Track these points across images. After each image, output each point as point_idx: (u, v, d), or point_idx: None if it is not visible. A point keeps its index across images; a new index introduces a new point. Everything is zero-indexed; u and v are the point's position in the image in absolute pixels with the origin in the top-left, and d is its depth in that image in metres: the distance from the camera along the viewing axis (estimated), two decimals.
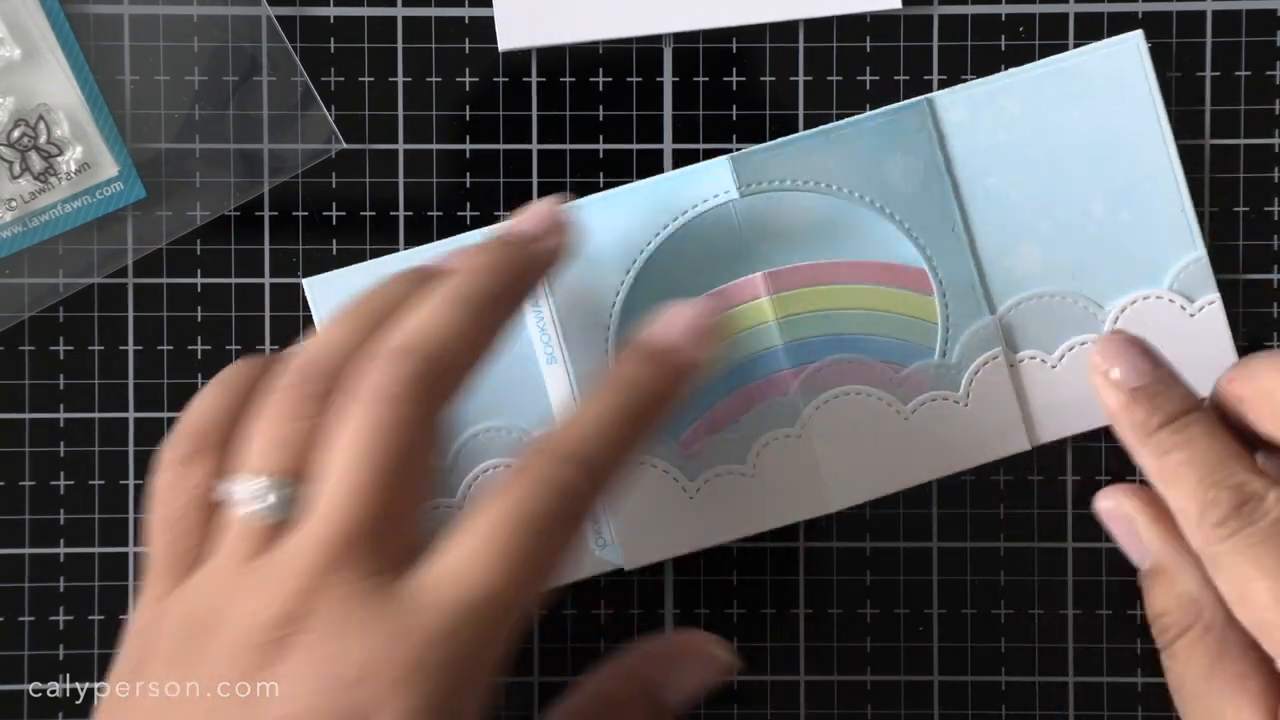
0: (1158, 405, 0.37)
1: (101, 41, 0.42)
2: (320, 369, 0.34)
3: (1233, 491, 0.35)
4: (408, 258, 0.41)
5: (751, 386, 0.39)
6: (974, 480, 0.42)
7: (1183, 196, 0.41)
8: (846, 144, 0.40)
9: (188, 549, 0.34)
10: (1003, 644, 0.43)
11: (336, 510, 0.32)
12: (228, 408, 0.35)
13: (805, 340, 0.40)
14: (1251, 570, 0.34)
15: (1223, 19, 0.42)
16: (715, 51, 0.42)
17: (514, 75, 0.42)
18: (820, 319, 0.40)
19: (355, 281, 0.41)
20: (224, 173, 0.42)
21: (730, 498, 0.40)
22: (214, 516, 0.34)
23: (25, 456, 0.43)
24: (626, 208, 0.40)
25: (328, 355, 0.34)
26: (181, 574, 0.33)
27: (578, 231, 0.38)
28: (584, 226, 0.39)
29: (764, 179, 0.40)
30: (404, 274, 0.36)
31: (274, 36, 0.42)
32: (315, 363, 0.34)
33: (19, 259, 0.42)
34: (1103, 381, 0.37)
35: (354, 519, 0.31)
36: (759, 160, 0.40)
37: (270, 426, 0.33)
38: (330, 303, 0.41)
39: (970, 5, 0.42)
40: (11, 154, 0.41)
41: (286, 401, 0.33)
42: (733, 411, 0.39)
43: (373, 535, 0.32)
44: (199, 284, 0.42)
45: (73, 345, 0.42)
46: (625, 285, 0.40)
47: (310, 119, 0.42)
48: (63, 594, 0.43)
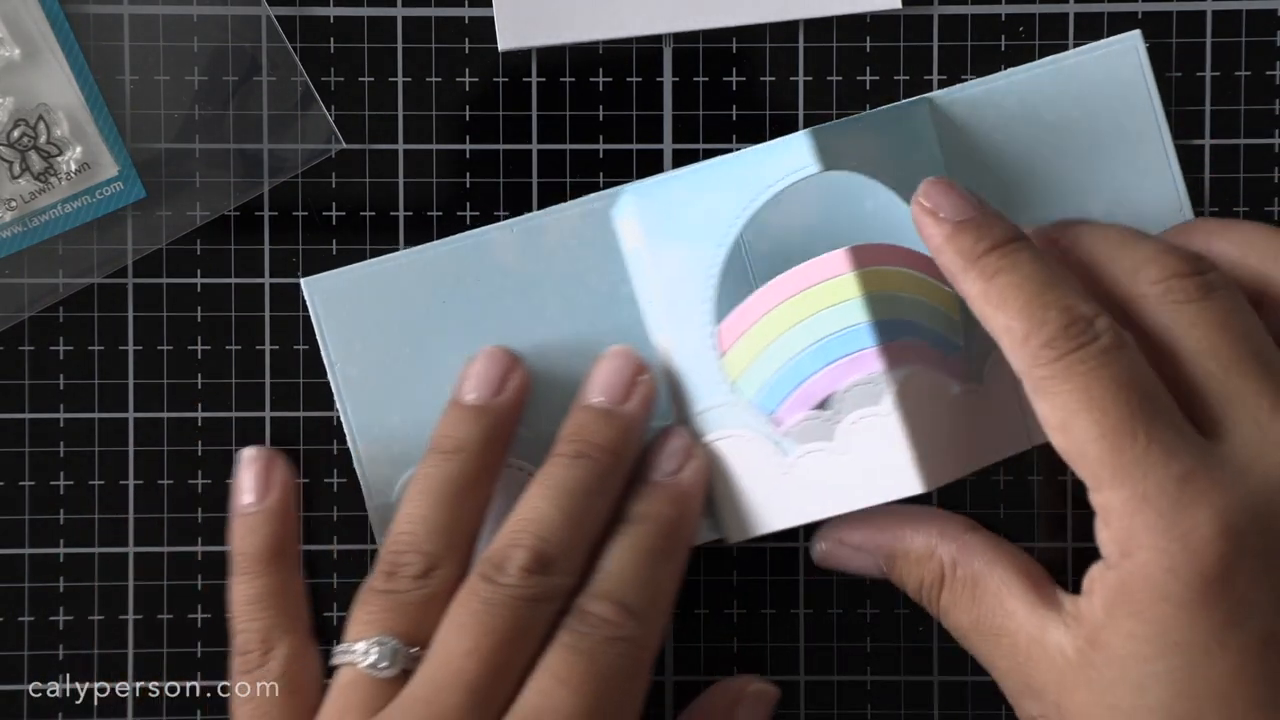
0: (984, 233, 0.36)
1: (101, 41, 0.42)
2: (419, 548, 0.38)
3: (1062, 312, 0.35)
4: (408, 257, 0.41)
5: (837, 365, 0.39)
6: (974, 480, 0.42)
7: (1181, 197, 0.41)
8: (889, 131, 0.40)
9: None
10: None
11: (443, 670, 0.36)
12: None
13: (888, 320, 0.39)
14: (1078, 400, 0.34)
15: (1223, 19, 0.42)
16: (715, 51, 0.42)
17: (514, 75, 0.42)
18: (898, 300, 0.39)
19: (354, 280, 0.41)
20: (224, 173, 0.42)
21: (823, 474, 0.39)
22: (299, 703, 0.39)
23: (25, 456, 0.43)
24: (717, 181, 0.40)
25: (424, 532, 0.38)
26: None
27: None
28: (666, 209, 0.40)
29: (844, 156, 0.39)
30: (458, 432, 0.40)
31: (274, 36, 0.42)
32: (415, 545, 0.38)
33: (19, 259, 0.42)
34: (925, 217, 0.37)
35: (460, 681, 0.35)
36: (838, 133, 0.40)
37: (378, 598, 0.38)
38: (329, 302, 0.41)
39: (970, 5, 0.42)
40: (11, 154, 0.41)
41: (396, 576, 0.38)
42: (824, 388, 0.39)
43: (475, 691, 0.35)
44: (199, 284, 0.42)
45: (73, 345, 0.42)
46: (719, 259, 0.40)
47: (310, 119, 0.42)
48: (62, 594, 0.43)
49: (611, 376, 0.40)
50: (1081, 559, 0.42)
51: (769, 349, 0.39)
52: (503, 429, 0.40)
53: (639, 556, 0.38)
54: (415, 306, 0.41)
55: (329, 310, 0.41)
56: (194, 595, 0.43)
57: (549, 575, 0.37)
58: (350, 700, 0.37)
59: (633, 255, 0.41)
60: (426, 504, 0.38)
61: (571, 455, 0.38)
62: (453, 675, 0.35)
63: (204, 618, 0.43)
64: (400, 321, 0.41)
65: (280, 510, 0.41)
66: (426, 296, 0.41)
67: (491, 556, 0.37)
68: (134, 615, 0.43)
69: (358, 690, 0.37)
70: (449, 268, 0.41)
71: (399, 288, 0.41)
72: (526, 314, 0.41)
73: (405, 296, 0.41)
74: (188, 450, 0.43)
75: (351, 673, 0.37)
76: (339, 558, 0.43)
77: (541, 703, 0.35)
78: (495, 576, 0.36)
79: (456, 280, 0.41)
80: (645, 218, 0.40)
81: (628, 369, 0.40)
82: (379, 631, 0.37)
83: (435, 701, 0.35)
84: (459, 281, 0.41)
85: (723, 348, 0.40)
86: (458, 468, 0.39)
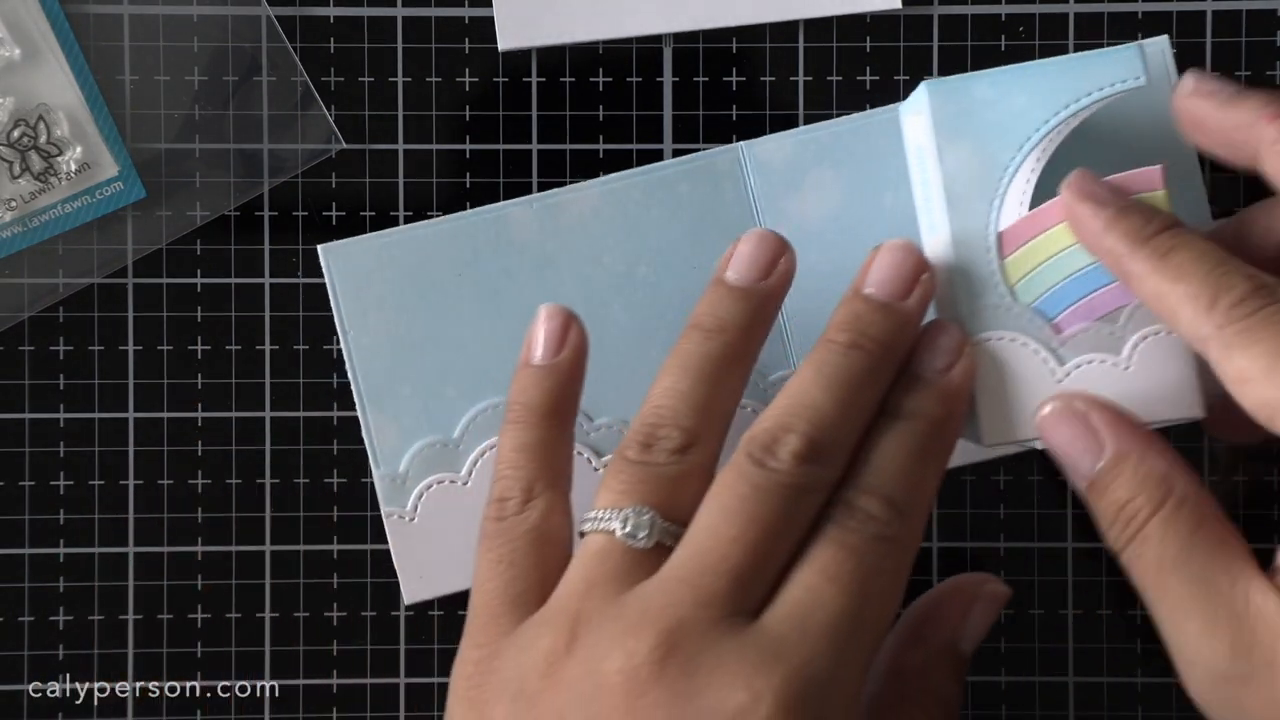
0: (1150, 216, 0.37)
1: (101, 41, 0.42)
2: (678, 422, 0.37)
3: (1247, 278, 0.35)
4: (426, 229, 0.41)
5: None
6: (974, 480, 0.42)
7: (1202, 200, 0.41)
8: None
9: (526, 589, 0.36)
10: (1002, 644, 0.43)
11: (707, 553, 0.34)
12: (550, 444, 0.38)
13: None
14: (1275, 345, 0.34)
15: (1223, 19, 0.42)
16: (715, 51, 0.42)
17: (514, 75, 0.42)
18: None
19: (371, 249, 0.41)
20: (224, 173, 0.42)
21: (1099, 388, 0.39)
22: (549, 556, 0.37)
23: (25, 456, 0.43)
24: (1030, 83, 0.40)
25: (684, 407, 0.37)
26: (520, 615, 0.35)
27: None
28: (973, 102, 0.39)
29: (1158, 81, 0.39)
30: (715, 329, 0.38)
31: (274, 36, 0.42)
32: (674, 419, 0.37)
33: (19, 259, 0.42)
34: (1083, 203, 0.37)
35: (725, 566, 0.34)
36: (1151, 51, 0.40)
37: (633, 468, 0.36)
38: (344, 269, 0.41)
39: (970, 5, 0.42)
40: (11, 154, 0.41)
41: (648, 450, 0.36)
42: (1114, 301, 0.39)
43: (739, 579, 0.34)
44: (199, 284, 0.42)
45: (73, 345, 0.42)
46: (1015, 163, 0.39)
47: (310, 119, 0.42)
48: (62, 594, 0.43)
49: (893, 270, 0.38)
50: (1082, 559, 0.42)
51: (1058, 257, 0.39)
52: (767, 314, 0.39)
53: (908, 454, 0.37)
54: (431, 278, 0.41)
55: (344, 278, 0.41)
56: (194, 595, 0.43)
57: (819, 465, 0.35)
58: (601, 569, 0.35)
59: (916, 152, 0.40)
60: (687, 379, 0.37)
61: (846, 345, 0.37)
62: (717, 560, 0.34)
63: (204, 618, 0.43)
64: (415, 292, 0.41)
65: (569, 368, 0.39)
66: (443, 269, 0.41)
67: (759, 438, 0.36)
68: (134, 615, 0.43)
69: (609, 559, 0.35)
70: (466, 241, 0.41)
71: (416, 259, 0.41)
72: (542, 290, 0.41)
73: (421, 268, 0.41)
74: (188, 450, 0.43)
75: (604, 541, 0.35)
76: (339, 557, 0.43)
77: (809, 599, 0.34)
78: (765, 460, 0.35)
79: (474, 254, 0.41)
80: (939, 113, 0.40)
81: (910, 264, 0.39)
82: (635, 501, 0.36)
83: (699, 586, 0.34)
84: (476, 255, 0.41)
85: (1005, 252, 0.40)
86: (719, 347, 0.37)
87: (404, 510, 0.41)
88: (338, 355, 0.42)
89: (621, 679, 0.33)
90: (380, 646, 0.43)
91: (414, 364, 0.41)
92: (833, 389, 0.36)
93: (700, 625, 0.34)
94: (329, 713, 0.43)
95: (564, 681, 0.34)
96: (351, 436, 0.42)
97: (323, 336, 0.42)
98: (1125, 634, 0.42)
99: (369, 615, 0.43)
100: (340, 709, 0.43)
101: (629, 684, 0.33)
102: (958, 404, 0.38)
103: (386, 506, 0.41)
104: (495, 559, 0.37)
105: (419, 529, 0.41)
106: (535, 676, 0.34)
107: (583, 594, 0.35)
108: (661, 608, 0.34)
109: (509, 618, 0.36)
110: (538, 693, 0.34)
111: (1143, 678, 0.42)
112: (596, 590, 0.35)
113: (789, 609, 0.34)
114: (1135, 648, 0.42)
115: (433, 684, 0.43)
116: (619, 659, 0.33)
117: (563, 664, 0.34)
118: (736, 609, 0.34)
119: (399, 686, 0.43)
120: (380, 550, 0.42)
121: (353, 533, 0.43)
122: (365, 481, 0.43)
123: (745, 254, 0.39)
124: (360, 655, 0.43)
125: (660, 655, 0.33)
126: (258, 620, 0.43)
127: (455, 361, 0.41)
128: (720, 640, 0.34)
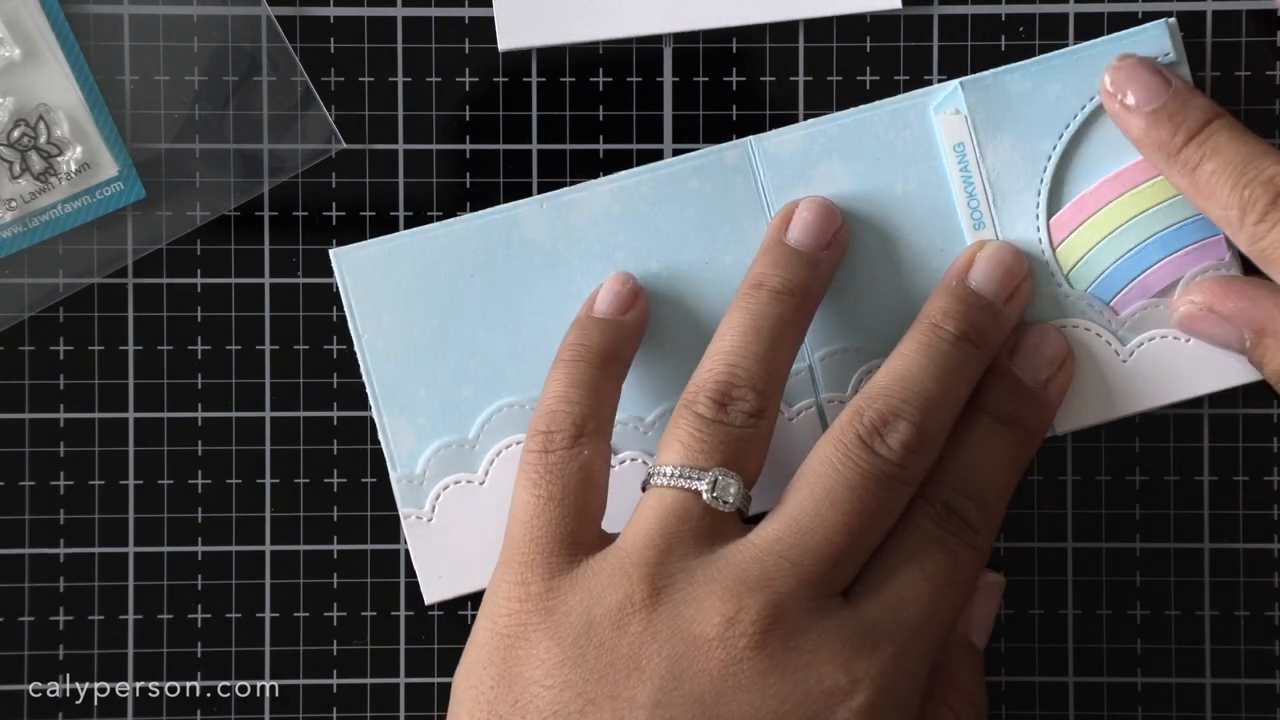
0: (1178, 123, 0.37)
1: (101, 41, 0.42)
2: (754, 385, 0.36)
3: (1266, 186, 0.35)
4: (437, 230, 0.41)
5: (1183, 253, 0.39)
6: None
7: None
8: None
9: (577, 529, 0.35)
10: (1003, 644, 0.42)
11: (810, 534, 0.34)
12: (596, 386, 0.37)
13: None
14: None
15: (1223, 19, 0.42)
16: (715, 51, 0.42)
17: (514, 75, 0.42)
18: None
19: (383, 251, 0.41)
20: (224, 173, 0.42)
21: (1164, 364, 0.40)
22: (593, 500, 0.36)
23: (25, 456, 0.43)
24: (1062, 72, 0.40)
25: (759, 370, 0.36)
26: (572, 555, 0.35)
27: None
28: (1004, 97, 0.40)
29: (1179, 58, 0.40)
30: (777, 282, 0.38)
31: (274, 36, 0.42)
32: (750, 381, 0.36)
33: (19, 259, 0.42)
34: (1120, 110, 0.38)
35: (827, 551, 0.34)
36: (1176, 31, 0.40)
37: (711, 427, 0.36)
38: (357, 273, 0.41)
39: (970, 5, 0.42)
40: (11, 154, 0.41)
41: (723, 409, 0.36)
42: (1167, 276, 0.39)
43: (838, 562, 0.34)
44: (199, 284, 0.42)
45: (73, 345, 0.42)
46: (1057, 151, 0.40)
47: (310, 119, 0.42)
48: (63, 594, 0.43)
49: (1000, 270, 0.39)
50: (1082, 559, 0.42)
51: (1107, 240, 0.40)
52: (825, 285, 0.39)
53: (1008, 462, 0.37)
54: (443, 279, 0.41)
55: (357, 281, 0.41)
56: (194, 595, 0.43)
57: (923, 456, 0.36)
58: (681, 527, 0.35)
59: (954, 151, 0.40)
60: (760, 341, 0.37)
61: (957, 335, 0.37)
62: (821, 544, 0.34)
63: (204, 618, 0.43)
64: (428, 294, 0.41)
65: (632, 327, 0.39)
66: (454, 269, 0.41)
67: (868, 415, 0.36)
68: (134, 615, 0.43)
69: (689, 519, 0.35)
70: (478, 241, 0.41)
71: (427, 260, 0.41)
72: (554, 290, 0.41)
73: (433, 269, 0.41)
74: (188, 450, 0.43)
75: (686, 499, 0.35)
76: (339, 557, 0.43)
77: (906, 595, 0.35)
78: (874, 445, 0.35)
79: (485, 254, 0.41)
80: (976, 111, 0.40)
81: (1017, 269, 0.39)
82: (716, 463, 0.35)
83: (802, 567, 0.34)
84: (488, 255, 0.41)
85: (1055, 241, 0.40)
86: (790, 310, 0.37)
87: (421, 511, 0.41)
88: (338, 355, 0.42)
89: (719, 642, 0.33)
90: (380, 646, 0.43)
91: (428, 365, 0.41)
92: (942, 378, 0.36)
93: (802, 603, 0.34)
94: (329, 713, 0.43)
95: (643, 635, 0.34)
96: (352, 436, 0.42)
97: (323, 337, 0.42)
98: (1125, 634, 0.42)
99: (369, 615, 0.43)
100: (340, 709, 0.43)
101: (726, 649, 0.33)
102: (1050, 419, 0.39)
103: (404, 507, 0.41)
104: (545, 495, 0.36)
105: (437, 529, 0.41)
106: (607, 624, 0.34)
107: (663, 549, 0.34)
108: (760, 579, 0.34)
109: (560, 557, 0.35)
110: (610, 641, 0.34)
111: (1143, 678, 0.42)
112: (678, 548, 0.34)
113: (886, 598, 0.35)
114: (1135, 648, 0.42)
115: (433, 684, 0.43)
116: (716, 621, 0.33)
117: (642, 616, 0.34)
118: (832, 590, 0.35)
119: (399, 686, 0.43)
120: (380, 550, 0.42)
121: (353, 533, 0.43)
122: (366, 481, 0.43)
123: (809, 220, 0.39)
124: (360, 655, 0.43)
125: (765, 626, 0.33)
126: (258, 620, 0.43)
127: (469, 362, 0.41)
128: (819, 620, 0.34)
